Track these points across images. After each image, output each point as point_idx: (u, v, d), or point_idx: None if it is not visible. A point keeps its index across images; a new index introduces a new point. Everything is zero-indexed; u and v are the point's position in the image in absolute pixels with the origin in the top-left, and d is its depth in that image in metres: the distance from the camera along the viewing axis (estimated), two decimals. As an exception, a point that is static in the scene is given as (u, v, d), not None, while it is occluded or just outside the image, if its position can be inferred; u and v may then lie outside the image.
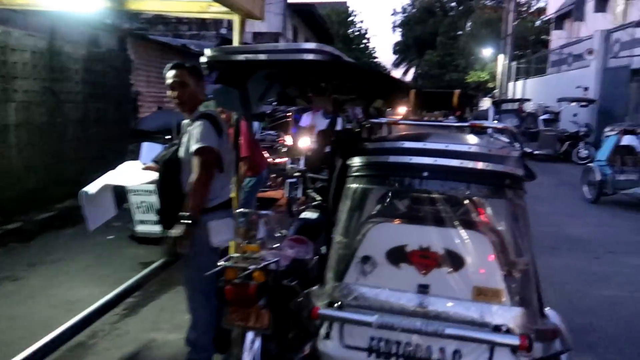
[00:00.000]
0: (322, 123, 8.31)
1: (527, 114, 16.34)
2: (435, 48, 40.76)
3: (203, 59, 2.35)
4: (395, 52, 56.04)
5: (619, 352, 3.48)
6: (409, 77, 61.65)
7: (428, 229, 1.98)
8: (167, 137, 5.17)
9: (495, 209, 1.97)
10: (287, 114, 7.91)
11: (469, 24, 32.89)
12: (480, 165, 1.92)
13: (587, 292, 4.60)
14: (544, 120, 15.06)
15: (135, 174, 3.40)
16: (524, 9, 31.25)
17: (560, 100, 15.09)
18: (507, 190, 1.95)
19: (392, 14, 57.47)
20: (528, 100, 18.72)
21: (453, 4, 46.11)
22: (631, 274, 5.06)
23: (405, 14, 51.13)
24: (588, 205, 8.48)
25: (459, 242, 1.93)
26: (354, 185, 2.12)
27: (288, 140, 7.64)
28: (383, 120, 2.25)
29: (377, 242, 2.03)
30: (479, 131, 4.81)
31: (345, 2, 42.39)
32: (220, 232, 2.80)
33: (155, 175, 3.09)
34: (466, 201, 1.96)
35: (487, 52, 27.08)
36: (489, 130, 5.58)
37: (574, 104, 14.77)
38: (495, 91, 25.44)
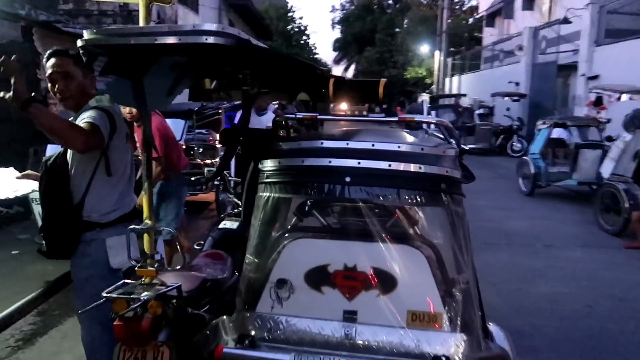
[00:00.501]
0: (257, 121, 7.92)
1: (464, 109, 16.65)
2: (374, 45, 41.18)
3: (79, 43, 1.90)
4: (335, 49, 56.25)
5: (563, 356, 3.34)
6: (349, 73, 62.37)
7: (353, 244, 1.66)
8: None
9: (430, 219, 1.68)
10: (219, 111, 7.41)
11: (405, 21, 33.36)
12: (412, 167, 1.61)
13: (527, 289, 4.50)
14: (480, 114, 15.38)
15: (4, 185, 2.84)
16: (457, 7, 32.10)
17: (493, 95, 15.46)
18: (444, 196, 1.66)
19: (331, 11, 57.46)
20: (464, 95, 19.14)
21: (390, 1, 46.81)
22: (568, 268, 5.03)
23: (344, 11, 51.41)
24: (524, 198, 8.59)
25: (389, 259, 1.62)
26: (266, 194, 1.76)
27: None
28: (299, 115, 1.90)
29: (294, 262, 1.69)
30: (414, 127, 4.58)
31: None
32: (122, 251, 2.36)
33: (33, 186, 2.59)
34: (397, 210, 1.65)
35: (424, 48, 27.55)
36: (425, 126, 5.42)
37: (506, 98, 15.16)
38: (432, 87, 25.93)
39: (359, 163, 1.61)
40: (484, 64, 22.28)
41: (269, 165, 1.77)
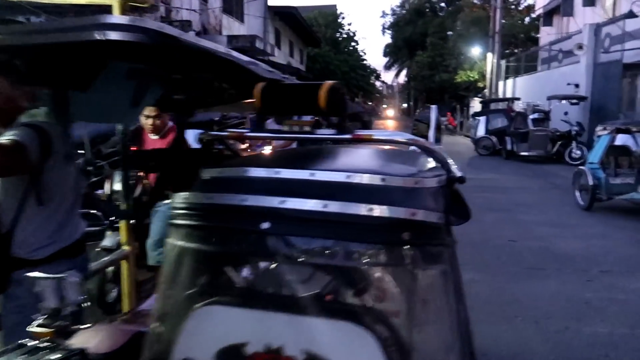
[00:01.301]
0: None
1: (517, 114, 15.59)
2: (425, 49, 40.17)
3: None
4: (385, 55, 55.58)
5: None
6: (400, 79, 61.39)
7: (279, 318, 1.16)
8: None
9: (387, 285, 1.15)
10: (243, 119, 7.06)
11: (458, 23, 32.21)
12: (358, 208, 1.10)
13: (578, 329, 3.77)
14: (534, 119, 14.29)
15: None
16: (512, 6, 30.61)
17: (549, 98, 14.33)
18: (409, 250, 1.13)
19: (382, 16, 56.77)
20: (517, 99, 17.99)
21: (442, 4, 45.59)
22: (630, 302, 4.24)
23: (394, 16, 50.65)
24: (580, 213, 7.67)
25: (327, 341, 1.11)
26: (171, 241, 1.30)
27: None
28: (224, 133, 1.44)
29: (202, 337, 1.21)
30: (423, 147, 4.00)
31: (334, 5, 41.70)
32: (56, 293, 1.98)
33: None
34: (338, 272, 1.15)
35: (475, 51, 26.37)
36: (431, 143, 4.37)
37: (564, 101, 14.01)
38: (485, 91, 24.72)
39: (282, 202, 1.12)
40: (540, 66, 20.94)
41: (177, 200, 1.31)
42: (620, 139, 7.76)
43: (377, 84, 65.25)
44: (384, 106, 53.09)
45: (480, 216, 7.40)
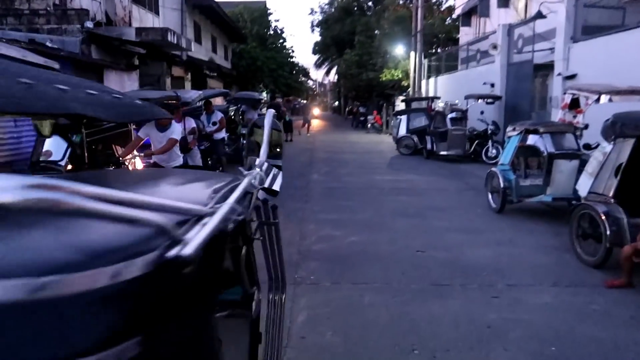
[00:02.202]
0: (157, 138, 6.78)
1: (436, 113, 15.59)
2: (353, 47, 40.21)
3: None
4: (315, 52, 55.31)
5: None
6: (331, 76, 61.46)
7: None
8: None
9: None
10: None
11: (382, 22, 32.37)
12: None
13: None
14: (452, 119, 14.30)
15: None
16: (435, 6, 31.17)
17: (467, 97, 14.41)
18: None
19: (310, 14, 56.45)
20: (437, 98, 18.08)
21: (370, 3, 45.91)
22: (535, 323, 3.89)
23: (323, 14, 50.44)
24: (492, 217, 7.47)
25: None
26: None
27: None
28: None
29: None
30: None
31: (264, 2, 40.70)
32: None
33: None
34: None
35: (399, 49, 26.52)
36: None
37: (480, 101, 14.12)
38: (409, 89, 24.90)
39: None
40: (460, 65, 21.31)
41: None
42: (530, 140, 7.65)
43: (310, 82, 64.97)
44: (304, 103, 52.51)
45: (393, 223, 7.00)
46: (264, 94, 36.95)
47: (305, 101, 54.36)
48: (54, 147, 5.22)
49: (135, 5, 17.34)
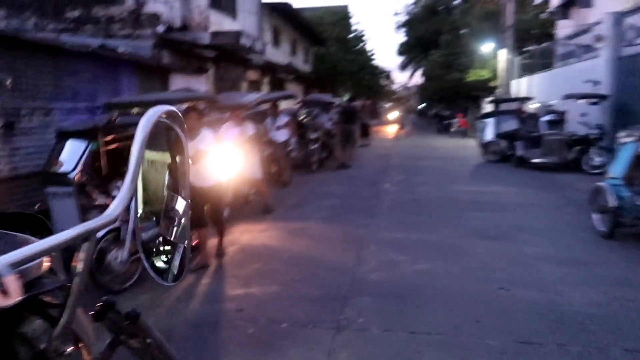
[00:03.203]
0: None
1: (528, 115, 13.88)
2: (439, 47, 38.45)
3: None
4: (400, 54, 53.87)
5: None
6: (416, 78, 59.51)
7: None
8: None
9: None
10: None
11: (469, 19, 30.42)
12: None
13: None
14: (548, 122, 12.57)
15: None
16: (526, 1, 28.70)
17: (566, 97, 12.58)
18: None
19: (395, 14, 55.14)
20: (529, 99, 16.23)
21: (456, 1, 43.77)
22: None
23: (408, 14, 49.00)
24: (599, 243, 6.03)
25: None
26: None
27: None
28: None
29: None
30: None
31: (346, 6, 40.17)
32: None
33: None
34: None
35: (487, 47, 24.57)
36: None
37: (582, 101, 12.26)
38: (497, 90, 22.94)
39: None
40: (557, 62, 19.11)
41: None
42: (650, 148, 6.10)
43: (395, 85, 63.34)
44: (387, 106, 50.33)
45: (470, 247, 5.84)
46: (345, 97, 36.36)
47: (387, 104, 52.84)
48: (67, 155, 4.75)
49: (213, 10, 17.37)
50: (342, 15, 38.84)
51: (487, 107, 22.24)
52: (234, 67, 17.84)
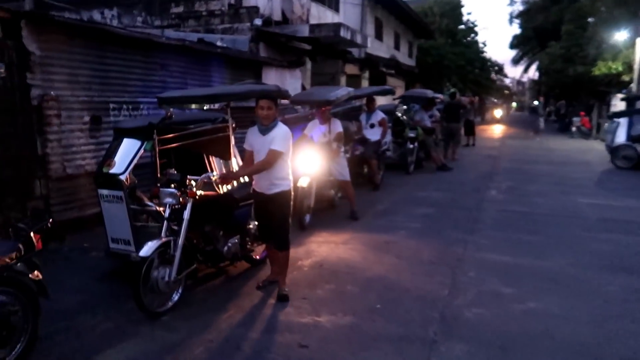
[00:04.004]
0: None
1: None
2: (559, 39, 34.93)
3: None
4: (513, 47, 50.11)
5: None
6: (530, 73, 54.98)
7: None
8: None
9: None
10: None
11: (599, 5, 26.96)
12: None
13: None
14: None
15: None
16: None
17: None
18: None
19: (509, 4, 51.29)
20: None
21: (583, -14, 39.42)
22: None
23: (526, 4, 45.25)
24: None
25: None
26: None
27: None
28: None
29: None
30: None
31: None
32: None
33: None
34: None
35: (621, 36, 21.51)
36: None
37: None
38: (631, 85, 19.97)
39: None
40: None
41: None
42: None
43: (507, 80, 59.10)
44: (496, 102, 46.14)
45: (601, 283, 4.64)
46: (447, 93, 34.41)
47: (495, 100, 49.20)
48: (121, 155, 4.37)
49: (314, 2, 16.97)
50: (452, 6, 36.75)
51: (618, 105, 19.43)
52: (331, 61, 17.30)
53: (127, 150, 4.34)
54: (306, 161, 6.29)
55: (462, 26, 37.39)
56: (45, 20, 5.66)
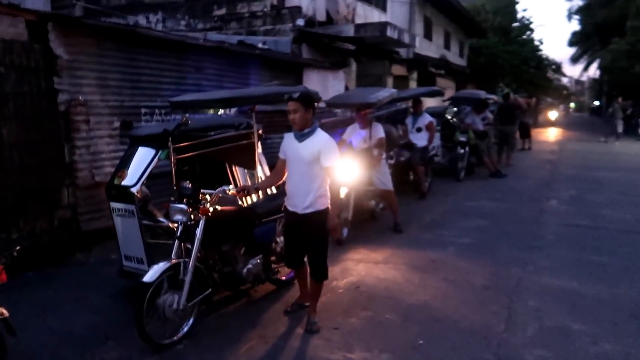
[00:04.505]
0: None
1: None
2: (623, 35, 32.65)
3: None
4: (571, 44, 47.53)
5: None
6: (590, 71, 51.89)
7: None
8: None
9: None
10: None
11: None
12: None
13: None
14: None
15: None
16: None
17: None
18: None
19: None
20: None
21: (651, -23, 36.69)
22: None
23: (586, -3, 42.75)
24: None
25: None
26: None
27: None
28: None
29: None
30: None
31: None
32: None
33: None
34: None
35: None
36: None
37: None
38: None
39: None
40: None
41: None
42: None
43: (565, 79, 56.14)
44: (549, 102, 42.98)
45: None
46: (500, 94, 32.87)
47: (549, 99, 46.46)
48: (134, 165, 4.00)
49: (360, 2, 16.45)
50: (506, 2, 35.16)
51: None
52: (378, 62, 16.70)
53: (141, 160, 3.97)
54: (344, 169, 5.78)
55: (517, 24, 35.71)
56: (73, 23, 5.44)
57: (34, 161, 5.22)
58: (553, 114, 36.35)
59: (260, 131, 4.37)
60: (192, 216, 3.40)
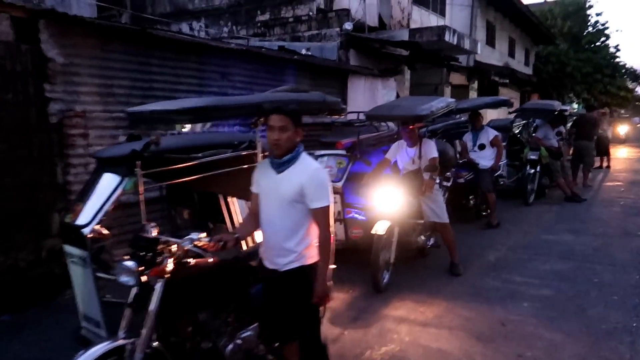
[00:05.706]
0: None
1: None
2: None
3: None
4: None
5: None
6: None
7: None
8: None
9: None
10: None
11: None
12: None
13: None
14: None
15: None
16: None
17: None
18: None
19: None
20: None
21: None
22: None
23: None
24: None
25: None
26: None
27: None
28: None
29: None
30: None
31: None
32: None
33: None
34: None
35: None
36: None
37: None
38: None
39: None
40: None
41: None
42: None
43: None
44: (622, 114, 37.97)
45: None
46: (574, 105, 30.21)
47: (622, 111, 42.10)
48: (94, 197, 2.99)
49: (416, 6, 15.25)
50: (577, 7, 32.54)
51: None
52: (434, 70, 15.37)
53: (102, 190, 3.01)
54: (386, 197, 4.63)
55: (590, 29, 32.97)
56: (70, 21, 4.66)
57: (18, 182, 4.45)
58: (622, 129, 28.48)
59: (266, 152, 3.24)
60: (144, 278, 2.39)
